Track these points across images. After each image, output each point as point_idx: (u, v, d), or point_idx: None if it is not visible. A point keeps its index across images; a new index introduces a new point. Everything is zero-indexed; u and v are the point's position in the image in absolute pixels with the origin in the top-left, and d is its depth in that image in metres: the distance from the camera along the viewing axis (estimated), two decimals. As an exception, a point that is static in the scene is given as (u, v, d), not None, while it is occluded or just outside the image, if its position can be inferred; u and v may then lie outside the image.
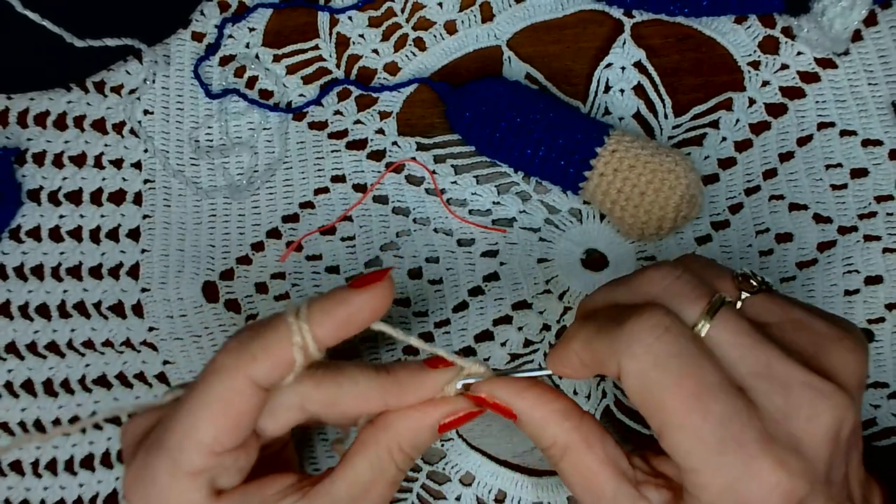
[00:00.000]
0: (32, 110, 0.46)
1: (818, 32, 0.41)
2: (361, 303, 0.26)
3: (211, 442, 0.26)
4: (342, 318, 0.26)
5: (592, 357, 0.27)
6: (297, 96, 0.45)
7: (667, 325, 0.25)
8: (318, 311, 0.26)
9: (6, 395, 0.43)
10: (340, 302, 0.26)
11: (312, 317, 0.26)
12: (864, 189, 0.41)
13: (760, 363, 0.25)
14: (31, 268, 0.44)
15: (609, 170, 0.39)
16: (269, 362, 0.26)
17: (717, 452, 0.24)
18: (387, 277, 0.27)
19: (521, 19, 0.44)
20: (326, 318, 0.26)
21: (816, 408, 0.24)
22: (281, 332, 0.26)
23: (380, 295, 0.27)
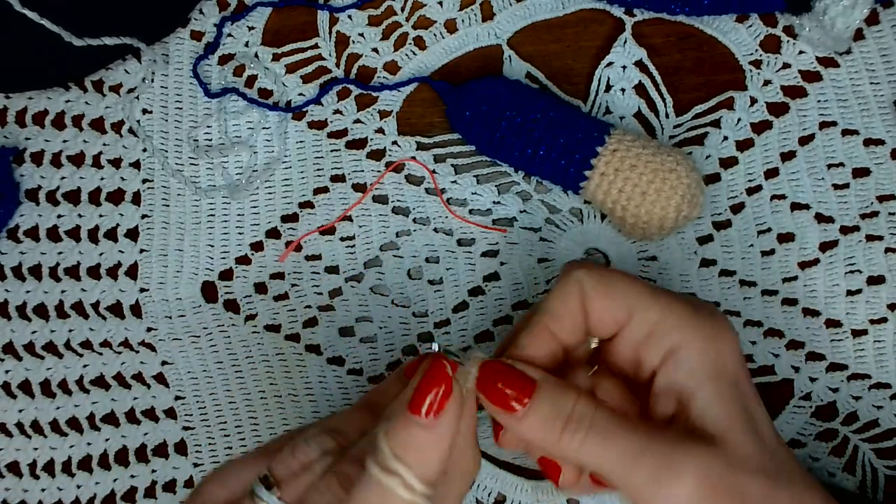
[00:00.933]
0: (31, 109, 0.45)
1: (820, 31, 0.41)
2: (440, 441, 0.25)
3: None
4: (438, 450, 0.25)
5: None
6: (297, 95, 0.44)
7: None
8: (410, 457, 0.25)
9: (3, 395, 0.43)
10: (426, 443, 0.25)
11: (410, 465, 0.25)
12: (866, 188, 0.41)
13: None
14: (28, 268, 0.44)
15: (610, 169, 0.38)
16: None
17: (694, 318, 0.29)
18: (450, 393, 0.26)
19: (521, 18, 0.44)
20: (419, 456, 0.25)
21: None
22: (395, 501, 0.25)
23: (453, 419, 0.26)
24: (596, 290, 0.29)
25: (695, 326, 0.28)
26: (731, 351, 0.28)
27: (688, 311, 0.29)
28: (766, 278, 0.41)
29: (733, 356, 0.28)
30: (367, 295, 0.42)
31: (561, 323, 0.29)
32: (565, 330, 0.30)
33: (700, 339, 0.28)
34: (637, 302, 0.29)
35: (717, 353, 0.28)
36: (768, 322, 0.40)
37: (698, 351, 0.28)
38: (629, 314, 0.29)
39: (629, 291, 0.29)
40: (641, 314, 0.29)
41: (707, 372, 0.28)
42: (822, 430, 0.40)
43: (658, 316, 0.28)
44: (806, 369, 0.40)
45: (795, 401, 0.40)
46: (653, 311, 0.29)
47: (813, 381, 0.40)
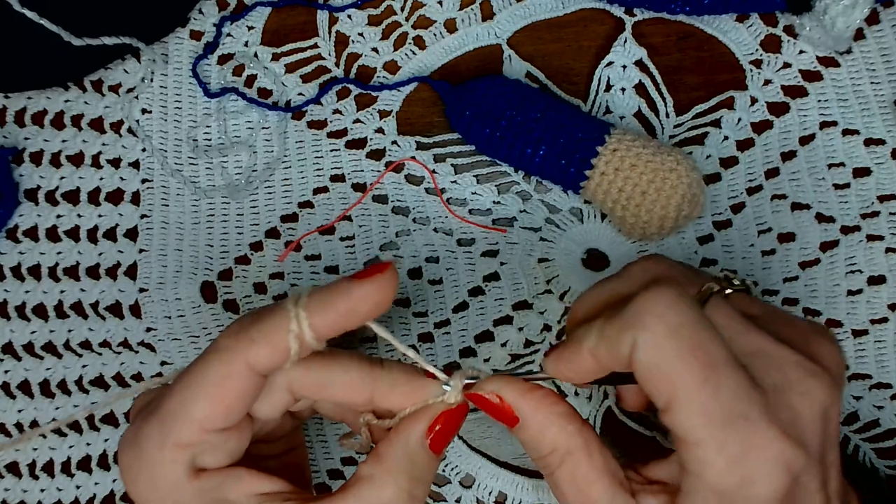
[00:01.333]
0: (30, 109, 0.45)
1: (820, 31, 0.41)
2: (363, 295, 0.26)
3: (201, 419, 0.26)
4: (342, 309, 0.26)
5: (607, 347, 0.26)
6: (296, 95, 0.44)
7: (676, 295, 0.25)
8: (317, 301, 0.26)
9: (3, 396, 0.43)
10: (341, 293, 0.26)
11: (312, 306, 0.26)
12: (866, 188, 0.41)
13: (753, 344, 0.26)
14: (28, 268, 0.44)
15: (610, 169, 0.38)
16: (267, 348, 0.26)
17: (724, 426, 0.24)
18: (389, 269, 0.26)
19: (521, 17, 0.44)
20: (326, 308, 0.26)
21: (809, 385, 0.26)
22: (280, 320, 0.26)
23: (382, 287, 0.26)
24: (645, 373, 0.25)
25: (720, 446, 0.24)
26: (766, 481, 0.24)
27: (715, 417, 0.24)
28: (766, 278, 0.41)
29: (770, 477, 0.24)
30: (366, 295, 0.42)
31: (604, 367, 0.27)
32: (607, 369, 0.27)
33: (721, 462, 0.24)
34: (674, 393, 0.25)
35: (741, 480, 0.24)
36: (769, 322, 0.40)
37: (715, 473, 0.24)
38: (668, 404, 0.25)
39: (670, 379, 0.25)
40: (672, 407, 0.25)
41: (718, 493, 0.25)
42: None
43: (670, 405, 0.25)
44: (806, 369, 0.40)
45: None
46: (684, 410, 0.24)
47: (813, 381, 0.40)
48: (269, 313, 0.26)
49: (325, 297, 0.26)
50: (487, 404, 0.28)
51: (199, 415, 0.26)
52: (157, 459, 0.26)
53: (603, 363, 0.27)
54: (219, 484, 0.27)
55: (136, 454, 0.26)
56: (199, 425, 0.26)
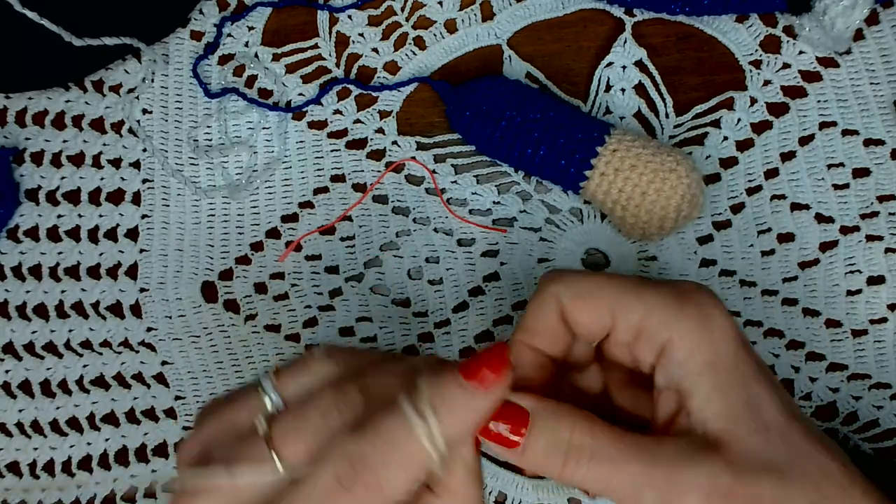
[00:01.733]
0: (30, 109, 0.45)
1: (820, 31, 0.41)
2: (484, 408, 0.25)
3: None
4: (471, 421, 0.25)
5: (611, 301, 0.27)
6: (297, 95, 0.44)
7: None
8: (446, 409, 0.24)
9: (3, 395, 0.43)
10: (461, 410, 0.25)
11: (440, 419, 0.24)
12: (866, 189, 0.41)
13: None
14: (28, 268, 0.44)
15: (610, 169, 0.38)
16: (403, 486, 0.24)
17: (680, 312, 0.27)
18: (507, 366, 0.25)
19: (521, 18, 0.44)
20: (453, 417, 0.25)
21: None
22: (415, 453, 0.24)
23: (503, 390, 0.25)
24: (573, 301, 0.28)
25: (681, 318, 0.27)
26: (723, 335, 0.27)
27: (672, 303, 0.27)
28: (766, 278, 0.41)
29: (727, 340, 0.27)
30: (367, 295, 0.42)
31: (540, 338, 0.28)
32: (546, 344, 0.29)
33: (688, 330, 0.27)
34: (618, 304, 0.27)
35: (710, 341, 0.27)
36: (768, 322, 0.40)
37: (688, 344, 0.27)
38: (613, 318, 0.28)
39: (608, 295, 0.27)
40: (624, 316, 0.27)
41: (700, 365, 0.26)
42: (823, 430, 0.39)
43: (641, 315, 0.27)
44: (806, 369, 0.40)
45: (796, 401, 0.40)
46: (635, 311, 0.27)
47: (813, 382, 0.40)
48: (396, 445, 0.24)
49: (450, 407, 0.25)
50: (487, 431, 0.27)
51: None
52: None
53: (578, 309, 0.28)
54: None
55: None
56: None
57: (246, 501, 0.25)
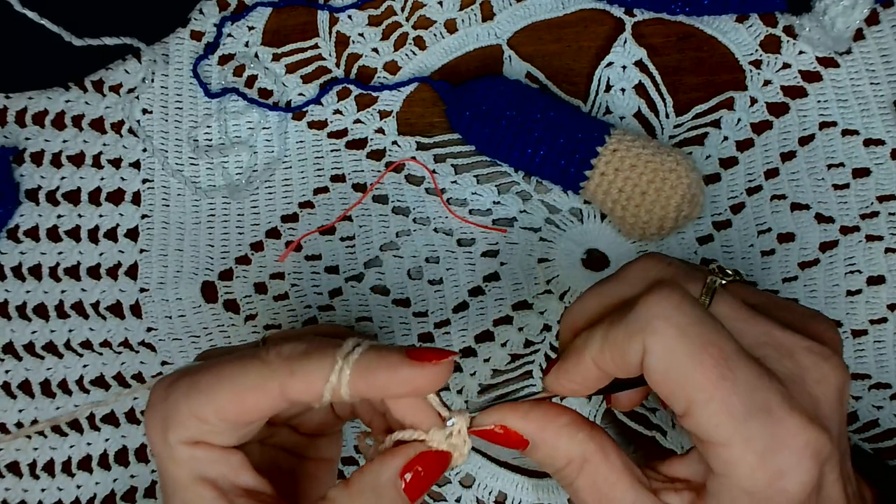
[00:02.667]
0: (31, 109, 0.45)
1: (820, 31, 0.41)
2: (408, 378, 0.25)
3: (218, 409, 0.25)
4: (383, 381, 0.25)
5: (612, 354, 0.25)
6: (297, 95, 0.44)
7: (681, 295, 0.25)
8: (365, 364, 0.25)
9: (3, 395, 0.43)
10: (389, 367, 0.25)
11: (358, 367, 0.25)
12: (866, 189, 0.41)
13: (762, 333, 0.26)
14: (28, 268, 0.44)
15: (610, 169, 0.38)
16: (301, 386, 0.25)
17: (747, 420, 0.23)
18: (445, 363, 0.25)
19: (521, 18, 0.44)
20: (370, 374, 0.25)
21: (822, 369, 0.25)
22: (324, 365, 0.25)
23: (430, 376, 0.25)
24: (656, 376, 0.25)
25: (746, 443, 0.23)
26: (797, 472, 0.24)
27: (737, 413, 0.23)
28: (766, 278, 0.41)
29: (800, 468, 0.24)
30: (367, 295, 0.42)
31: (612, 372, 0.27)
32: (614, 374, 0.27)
33: (750, 460, 0.24)
34: (701, 412, 0.24)
35: (772, 476, 0.24)
36: (768, 322, 0.40)
37: (745, 472, 0.24)
38: (686, 410, 0.25)
39: (696, 397, 0.24)
40: (695, 421, 0.24)
41: (728, 428, 0.24)
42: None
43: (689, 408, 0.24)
44: (806, 369, 0.40)
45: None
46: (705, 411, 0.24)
47: (813, 381, 0.40)
48: (319, 352, 0.26)
49: (373, 364, 0.25)
50: (493, 436, 0.28)
51: (221, 409, 0.25)
52: (175, 420, 0.26)
53: (608, 371, 0.26)
54: (212, 460, 0.26)
55: (158, 411, 0.26)
56: (215, 413, 0.26)
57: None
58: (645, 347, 0.24)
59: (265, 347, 0.27)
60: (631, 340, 0.25)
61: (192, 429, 0.26)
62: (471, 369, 0.41)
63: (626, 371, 0.26)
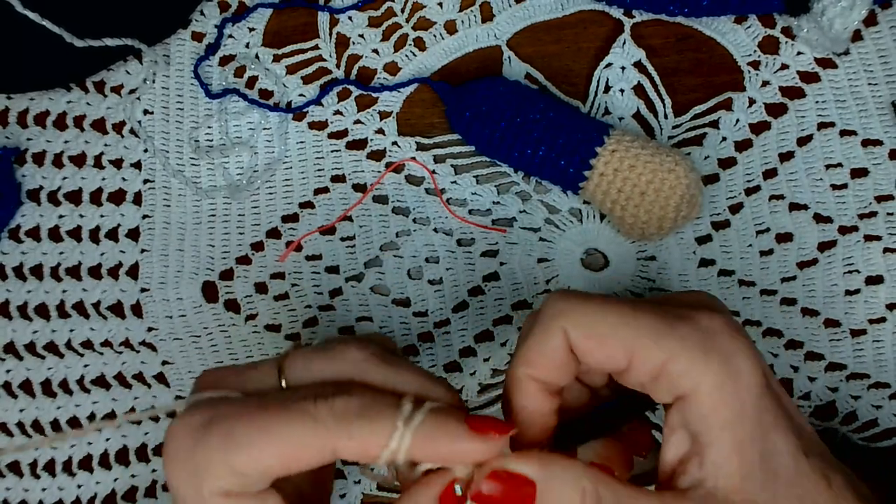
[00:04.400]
0: (32, 110, 0.46)
1: (818, 32, 0.41)
2: (469, 450, 0.25)
3: (263, 469, 0.25)
4: (444, 451, 0.25)
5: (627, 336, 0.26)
6: (297, 96, 0.45)
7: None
8: (425, 433, 0.25)
9: (4, 395, 0.43)
10: (450, 437, 0.25)
11: (418, 435, 0.25)
12: (864, 189, 0.41)
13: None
14: (30, 268, 0.44)
15: (609, 169, 0.38)
16: (358, 449, 0.25)
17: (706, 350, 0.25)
18: (504, 437, 0.25)
19: (521, 19, 0.44)
20: (430, 443, 0.25)
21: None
22: (384, 429, 0.25)
23: (491, 450, 0.25)
24: (584, 342, 0.26)
25: (706, 372, 0.25)
26: (748, 385, 0.25)
27: (696, 352, 0.25)
28: (764, 278, 0.41)
29: (751, 390, 0.25)
30: (367, 295, 0.42)
31: (546, 371, 0.27)
32: (553, 377, 0.27)
33: (713, 385, 0.25)
34: (636, 349, 0.26)
35: (734, 394, 0.25)
36: (767, 322, 0.40)
37: (712, 399, 0.25)
38: (629, 361, 0.26)
39: (625, 338, 0.26)
40: (642, 362, 0.26)
41: (722, 421, 0.25)
42: (822, 430, 0.40)
43: (662, 361, 0.25)
44: (805, 369, 0.40)
45: (795, 400, 0.40)
46: (655, 357, 0.25)
47: (812, 381, 0.40)
48: (377, 413, 0.25)
49: (434, 433, 0.25)
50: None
51: (264, 465, 0.25)
52: (210, 473, 0.25)
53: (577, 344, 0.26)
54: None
55: (187, 459, 0.25)
56: (259, 471, 0.25)
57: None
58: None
59: (313, 401, 0.25)
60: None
61: (230, 480, 0.25)
62: (471, 369, 0.41)
63: (595, 364, 0.26)
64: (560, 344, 0.26)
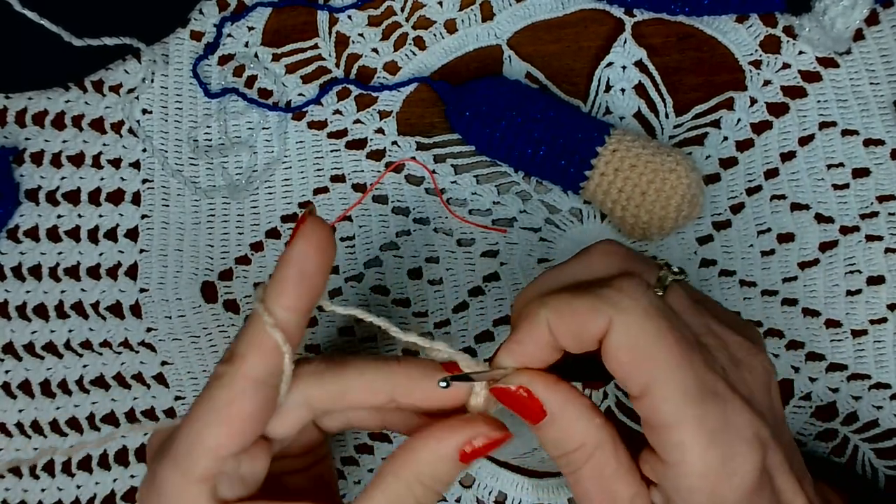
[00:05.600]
0: (30, 110, 0.45)
1: (820, 31, 0.41)
2: (301, 251, 0.26)
3: (216, 446, 0.25)
4: (294, 277, 0.26)
5: (572, 321, 0.26)
6: (297, 95, 0.44)
7: (647, 285, 0.27)
8: (272, 285, 0.26)
9: (3, 396, 0.43)
10: (283, 264, 0.26)
11: (270, 293, 0.26)
12: (865, 189, 0.41)
13: (704, 325, 0.27)
14: (28, 268, 0.44)
15: (610, 169, 0.38)
16: (257, 354, 0.26)
17: (699, 402, 0.25)
18: (308, 219, 0.26)
19: (521, 18, 0.44)
20: (281, 285, 0.26)
21: (753, 362, 0.27)
22: (254, 324, 0.26)
23: (312, 237, 0.26)
24: (562, 327, 0.26)
25: (699, 423, 0.24)
26: (744, 454, 0.25)
27: (692, 394, 0.25)
28: (765, 278, 0.41)
29: (747, 449, 0.25)
30: (367, 295, 0.42)
31: (531, 356, 0.27)
32: (538, 360, 0.27)
33: (701, 441, 0.25)
34: (653, 374, 0.25)
35: (723, 458, 0.25)
36: (768, 322, 0.40)
37: (697, 454, 0.25)
38: (643, 386, 0.25)
39: (599, 321, 0.25)
40: (649, 390, 0.25)
41: (686, 400, 0.25)
42: (822, 431, 0.40)
43: (629, 346, 0.25)
44: (806, 369, 0.40)
45: (795, 401, 0.40)
46: (662, 390, 0.25)
47: (813, 382, 0.40)
48: (245, 326, 0.26)
49: (276, 277, 0.26)
50: (514, 400, 0.27)
51: (213, 442, 0.25)
52: (180, 500, 0.26)
53: (560, 338, 0.26)
54: None
55: (156, 498, 0.26)
56: (214, 453, 0.25)
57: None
58: (611, 323, 0.25)
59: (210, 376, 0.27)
60: (596, 313, 0.25)
61: (205, 497, 0.26)
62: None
63: (577, 343, 0.26)
64: (594, 332, 0.26)
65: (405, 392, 0.27)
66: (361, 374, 0.28)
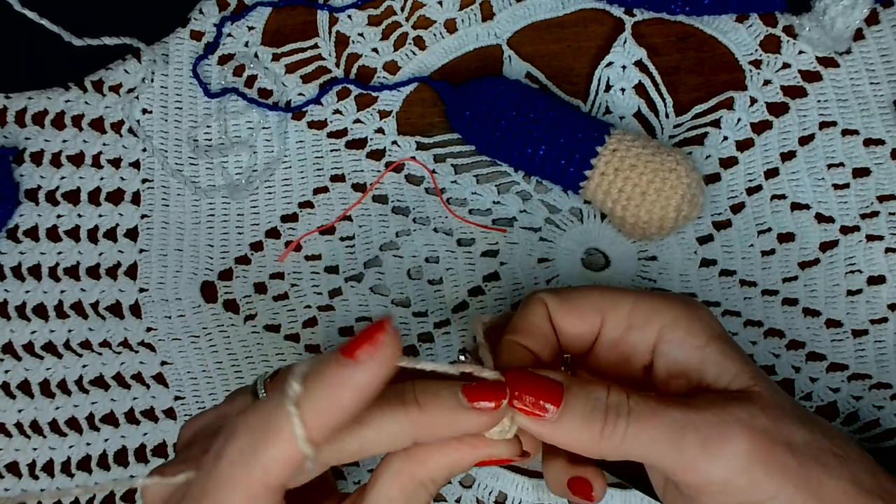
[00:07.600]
0: (30, 109, 0.45)
1: (820, 31, 0.41)
2: (361, 383, 0.22)
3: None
4: (344, 403, 0.22)
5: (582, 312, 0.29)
6: (297, 95, 0.44)
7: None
8: (312, 401, 0.22)
9: (3, 396, 0.43)
10: (336, 387, 0.22)
11: (308, 408, 0.22)
12: (866, 188, 0.41)
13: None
14: (28, 268, 0.44)
15: (610, 169, 0.38)
16: (281, 468, 0.23)
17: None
18: (384, 334, 0.23)
19: (521, 18, 0.44)
20: (324, 406, 0.22)
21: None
22: (284, 431, 0.22)
23: (380, 363, 0.22)
24: (561, 306, 0.29)
25: (669, 305, 0.28)
26: (710, 317, 0.28)
27: (656, 295, 0.29)
28: (766, 278, 0.41)
29: (714, 320, 0.28)
30: (367, 295, 0.42)
31: (529, 338, 0.28)
32: (535, 344, 0.28)
33: (680, 314, 0.28)
34: (606, 303, 0.29)
35: (700, 320, 0.28)
36: (769, 322, 0.40)
37: (683, 324, 0.28)
38: (601, 315, 0.29)
39: (595, 298, 0.29)
40: (613, 311, 0.28)
41: (701, 339, 0.27)
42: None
43: (630, 307, 0.28)
44: (806, 369, 0.40)
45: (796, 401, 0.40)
46: (623, 304, 0.28)
47: (813, 382, 0.40)
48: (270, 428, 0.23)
49: (320, 395, 0.22)
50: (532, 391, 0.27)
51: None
52: None
53: (560, 324, 0.29)
54: None
55: None
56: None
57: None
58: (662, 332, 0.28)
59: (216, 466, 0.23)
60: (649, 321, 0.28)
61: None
62: (471, 369, 0.41)
63: (573, 332, 0.28)
64: (541, 312, 0.29)
65: (429, 435, 0.26)
66: (381, 428, 0.25)
